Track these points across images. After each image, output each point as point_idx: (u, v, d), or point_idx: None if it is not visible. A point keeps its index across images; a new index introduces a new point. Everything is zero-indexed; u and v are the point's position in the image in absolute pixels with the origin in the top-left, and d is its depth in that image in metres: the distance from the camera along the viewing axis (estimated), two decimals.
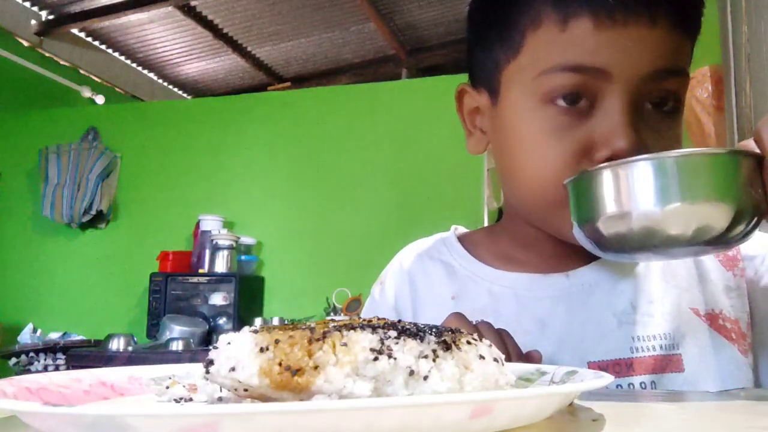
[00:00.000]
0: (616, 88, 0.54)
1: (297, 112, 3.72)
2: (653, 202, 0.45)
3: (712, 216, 0.45)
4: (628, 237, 0.47)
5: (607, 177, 0.47)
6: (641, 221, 0.46)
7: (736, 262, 0.65)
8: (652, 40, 0.53)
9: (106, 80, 4.58)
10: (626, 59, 0.53)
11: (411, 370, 0.31)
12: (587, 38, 0.53)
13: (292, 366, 0.30)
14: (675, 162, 0.45)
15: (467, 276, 0.69)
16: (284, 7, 4.11)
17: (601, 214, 0.48)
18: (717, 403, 0.43)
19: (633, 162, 0.46)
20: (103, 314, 3.62)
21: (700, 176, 0.45)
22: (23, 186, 3.92)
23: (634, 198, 0.46)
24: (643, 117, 0.55)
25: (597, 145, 0.54)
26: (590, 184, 0.48)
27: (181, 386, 0.41)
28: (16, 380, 0.37)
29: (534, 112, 0.57)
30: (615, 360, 0.60)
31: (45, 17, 4.09)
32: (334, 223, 3.50)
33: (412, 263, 0.73)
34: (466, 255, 0.71)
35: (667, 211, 0.45)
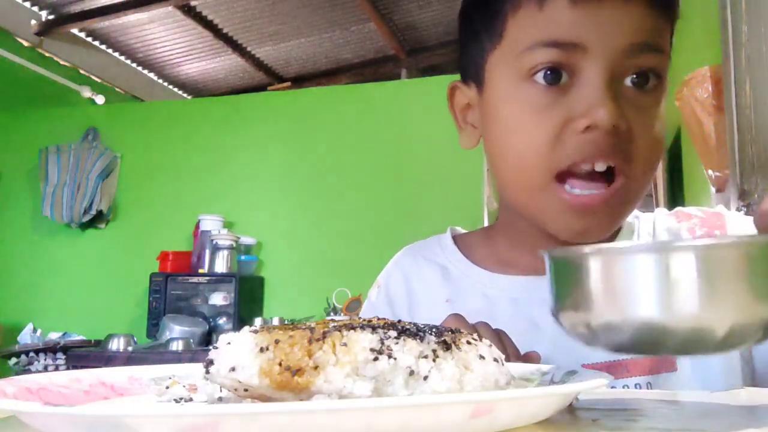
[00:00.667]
0: (594, 62, 0.54)
1: (297, 112, 3.72)
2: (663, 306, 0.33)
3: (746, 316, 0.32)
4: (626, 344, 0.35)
5: (595, 266, 0.35)
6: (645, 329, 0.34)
7: None
8: (626, 16, 0.54)
9: (106, 80, 4.58)
10: (601, 33, 0.54)
11: (411, 370, 0.31)
12: (563, 15, 0.55)
13: (292, 366, 0.30)
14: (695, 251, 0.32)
15: (462, 278, 0.69)
16: (284, 7, 4.11)
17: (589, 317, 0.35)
18: (717, 403, 0.43)
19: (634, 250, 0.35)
20: (103, 314, 3.61)
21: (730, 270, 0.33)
22: (23, 186, 3.92)
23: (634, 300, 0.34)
24: (623, 93, 0.55)
25: (577, 117, 0.54)
26: (572, 269, 0.37)
27: (181, 386, 0.41)
28: (16, 380, 0.37)
29: (516, 92, 0.58)
30: (610, 362, 0.60)
31: (45, 17, 4.09)
32: (334, 223, 3.50)
33: (409, 266, 0.74)
34: (461, 257, 0.71)
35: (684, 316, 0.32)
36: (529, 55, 0.56)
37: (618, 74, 0.55)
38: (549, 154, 0.55)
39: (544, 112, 0.56)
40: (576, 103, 0.55)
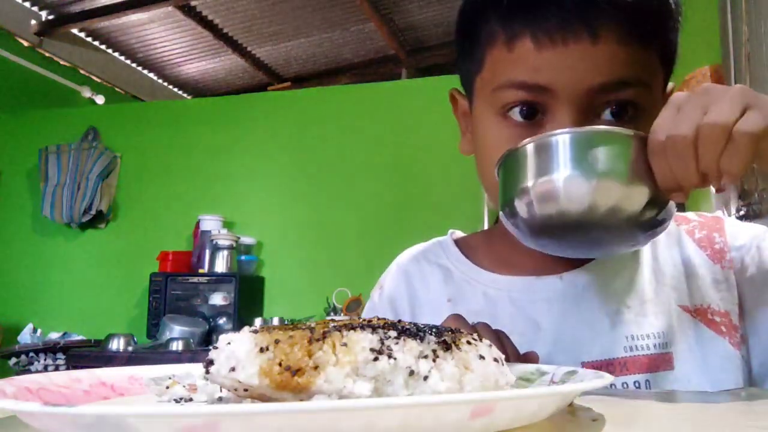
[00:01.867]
0: (563, 103, 0.55)
1: (297, 112, 3.72)
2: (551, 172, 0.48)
3: (604, 190, 0.47)
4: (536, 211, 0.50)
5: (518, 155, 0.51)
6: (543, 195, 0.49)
7: (723, 254, 0.66)
8: (593, 57, 0.54)
9: (106, 80, 4.58)
10: (568, 76, 0.55)
11: (411, 370, 0.31)
12: (529, 58, 0.56)
13: (292, 366, 0.30)
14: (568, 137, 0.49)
15: (463, 279, 0.70)
16: (284, 7, 4.11)
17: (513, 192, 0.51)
18: (717, 403, 0.43)
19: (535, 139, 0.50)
20: (103, 314, 3.61)
21: (591, 151, 0.48)
22: (23, 186, 3.92)
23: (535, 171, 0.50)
24: (600, 125, 0.56)
25: None
26: (505, 164, 0.53)
27: (181, 386, 0.41)
28: (16, 380, 0.37)
29: (493, 124, 0.60)
30: (609, 360, 0.61)
31: (45, 17, 4.09)
32: (334, 223, 3.50)
33: (410, 267, 0.75)
34: (462, 258, 0.72)
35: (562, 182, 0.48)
36: (501, 93, 0.58)
37: (592, 110, 0.56)
38: None
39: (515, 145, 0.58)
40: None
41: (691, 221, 0.70)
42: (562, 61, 0.55)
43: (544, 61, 0.55)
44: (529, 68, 0.56)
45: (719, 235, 0.67)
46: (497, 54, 0.58)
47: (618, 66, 0.55)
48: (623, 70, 0.55)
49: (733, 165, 0.44)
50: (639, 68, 0.56)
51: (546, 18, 0.55)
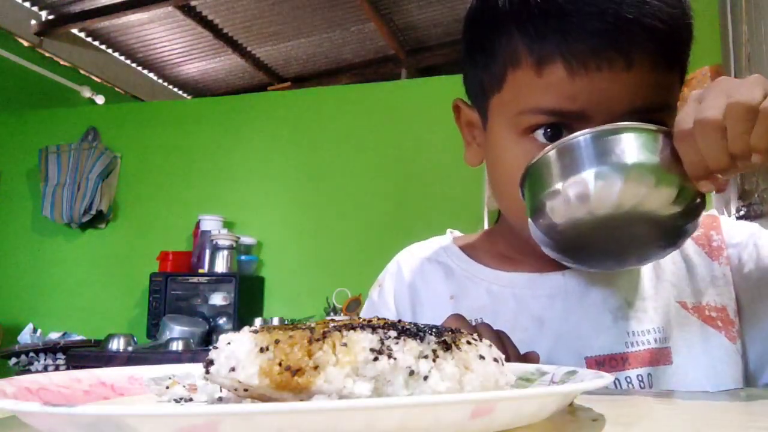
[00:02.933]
0: (592, 125, 0.55)
1: (297, 112, 3.72)
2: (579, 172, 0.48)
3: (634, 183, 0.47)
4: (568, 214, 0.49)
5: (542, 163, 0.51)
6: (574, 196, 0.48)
7: (721, 251, 0.67)
8: (627, 83, 0.54)
9: (106, 80, 4.58)
10: (602, 102, 0.54)
11: (411, 370, 0.31)
12: (562, 85, 0.54)
13: (292, 366, 0.30)
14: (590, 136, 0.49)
15: (465, 276, 0.70)
16: (284, 7, 4.11)
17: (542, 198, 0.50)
18: (717, 403, 0.43)
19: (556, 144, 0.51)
20: (103, 314, 3.61)
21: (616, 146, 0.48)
22: (23, 186, 3.92)
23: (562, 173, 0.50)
24: None
25: None
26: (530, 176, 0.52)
27: (181, 386, 0.41)
28: (16, 380, 0.37)
29: (515, 145, 0.59)
30: (611, 354, 0.62)
31: (45, 17, 4.09)
32: (334, 223, 3.50)
33: (411, 265, 0.74)
34: (463, 256, 0.72)
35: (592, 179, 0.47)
36: (529, 118, 0.57)
37: None
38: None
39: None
40: None
41: None
42: (596, 87, 0.54)
43: (577, 89, 0.54)
44: (561, 96, 0.55)
45: (716, 233, 0.68)
46: (522, 77, 0.57)
47: (651, 91, 0.55)
48: (655, 96, 0.55)
49: (763, 141, 0.44)
50: (668, 92, 0.57)
51: (579, 42, 0.53)
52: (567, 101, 0.55)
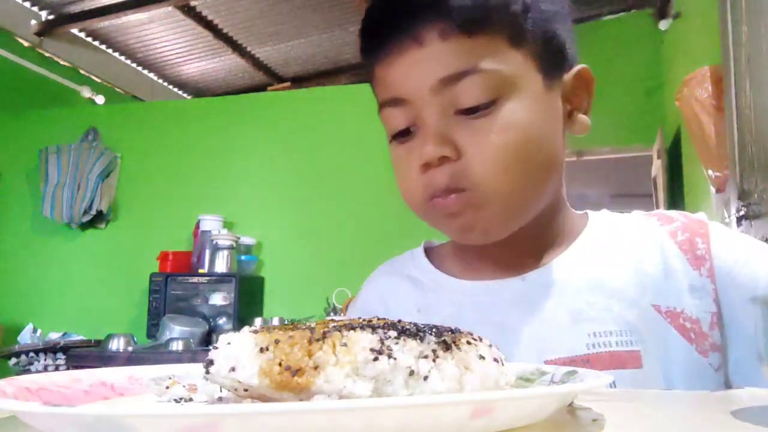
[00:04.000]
0: (419, 108, 0.61)
1: (297, 112, 3.72)
2: None
3: None
4: None
5: None
6: None
7: (704, 261, 0.65)
8: (424, 58, 0.59)
9: (106, 80, 4.58)
10: (410, 82, 0.60)
11: (411, 370, 0.31)
12: (384, 77, 0.63)
13: (292, 366, 0.30)
14: None
15: (431, 288, 0.72)
16: (284, 7, 4.11)
17: None
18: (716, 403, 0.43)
19: None
20: (103, 314, 3.61)
21: None
22: (23, 186, 3.92)
23: None
24: (458, 123, 0.60)
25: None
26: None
27: (181, 386, 0.41)
28: (16, 380, 0.37)
29: (391, 148, 0.67)
30: (572, 357, 0.61)
31: (45, 17, 4.09)
32: (334, 223, 3.50)
33: (383, 283, 0.77)
34: (430, 268, 0.74)
35: None
36: (381, 114, 0.65)
37: (447, 107, 0.60)
38: (417, 194, 0.63)
39: (405, 163, 0.64)
40: (418, 148, 0.61)
41: (674, 221, 0.69)
42: (402, 72, 0.61)
43: (392, 77, 0.62)
44: (385, 86, 0.63)
45: (702, 241, 0.66)
46: (374, 78, 0.66)
47: (450, 61, 0.58)
48: (455, 63, 0.58)
49: None
50: (472, 56, 0.58)
51: (382, 41, 0.62)
52: (389, 90, 0.62)
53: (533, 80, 0.62)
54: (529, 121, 0.61)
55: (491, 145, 0.59)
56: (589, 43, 4.47)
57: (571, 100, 0.66)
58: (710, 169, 2.46)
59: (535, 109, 0.62)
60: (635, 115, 4.31)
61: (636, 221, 0.71)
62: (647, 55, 4.31)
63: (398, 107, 0.62)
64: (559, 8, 0.65)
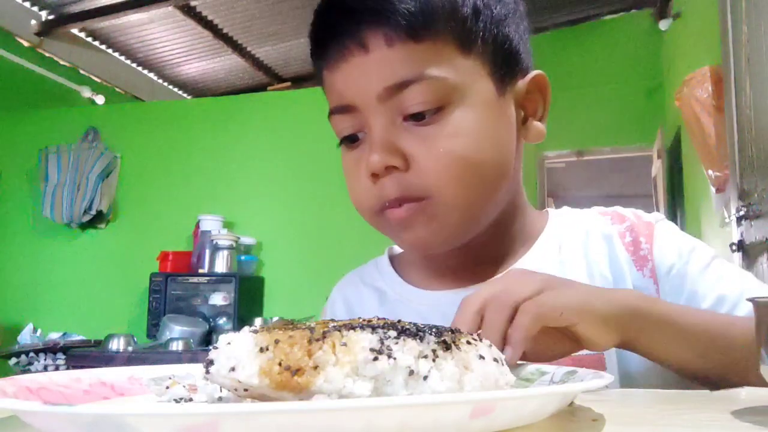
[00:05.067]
0: (366, 115, 0.59)
1: (297, 112, 3.72)
2: None
3: None
4: None
5: None
6: None
7: (646, 262, 0.65)
8: (370, 65, 0.58)
9: (106, 80, 4.58)
10: (357, 89, 0.59)
11: (411, 370, 0.31)
12: (331, 83, 0.62)
13: (292, 366, 0.30)
14: None
15: (396, 299, 0.71)
16: (284, 7, 4.11)
17: None
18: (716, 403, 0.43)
19: None
20: (103, 314, 3.61)
21: None
22: (23, 186, 3.92)
23: None
24: (405, 129, 0.58)
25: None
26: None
27: (181, 386, 0.41)
28: (16, 380, 0.37)
29: (342, 153, 0.65)
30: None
31: (45, 17, 4.09)
32: (334, 223, 3.50)
33: (350, 292, 0.77)
34: (396, 278, 0.73)
35: None
36: (330, 121, 0.63)
37: (394, 114, 0.58)
38: (366, 202, 0.63)
39: (353, 168, 0.63)
40: (365, 155, 0.60)
41: (625, 221, 0.69)
42: (349, 77, 0.59)
43: (338, 83, 0.60)
44: (333, 92, 0.62)
45: (646, 242, 0.66)
46: (323, 86, 0.65)
47: (391, 67, 0.57)
48: (398, 70, 0.57)
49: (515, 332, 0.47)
50: (418, 63, 0.57)
51: (327, 46, 0.61)
52: (336, 96, 0.61)
53: (484, 86, 0.60)
54: (478, 128, 0.59)
55: (440, 153, 0.58)
56: (589, 43, 4.48)
57: (525, 106, 0.65)
58: (710, 169, 2.46)
59: (485, 116, 0.60)
60: (635, 115, 4.31)
61: (592, 220, 0.71)
62: (647, 55, 4.31)
63: (346, 114, 0.61)
64: (512, 11, 0.63)
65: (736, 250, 2.02)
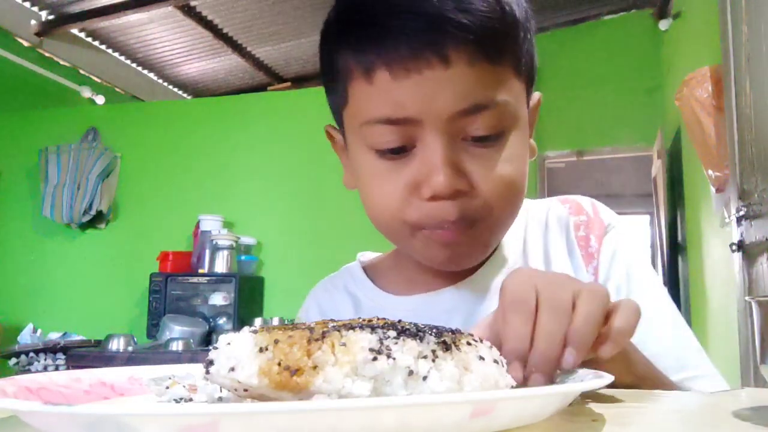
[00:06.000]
0: (429, 131, 0.55)
1: (297, 112, 3.72)
2: None
3: None
4: None
5: None
6: None
7: (592, 259, 0.67)
8: (448, 82, 0.54)
9: (106, 80, 4.58)
10: (429, 104, 0.54)
11: (410, 371, 0.31)
12: (390, 91, 0.55)
13: (291, 366, 0.30)
14: None
15: (372, 307, 0.70)
16: (284, 7, 4.11)
17: None
18: (716, 403, 0.43)
19: None
20: (103, 314, 3.61)
21: None
22: (23, 186, 3.92)
23: None
24: (465, 148, 0.57)
25: (420, 185, 0.57)
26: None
27: (181, 386, 0.41)
28: (16, 380, 0.37)
29: (365, 157, 0.60)
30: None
31: (45, 17, 4.09)
32: (334, 223, 3.50)
33: (324, 299, 0.76)
34: (369, 285, 0.72)
35: None
36: (369, 129, 0.57)
37: (457, 134, 0.56)
38: (401, 215, 0.58)
39: (391, 179, 0.58)
40: (418, 170, 0.56)
41: (581, 213, 0.70)
42: (420, 90, 0.54)
43: (403, 93, 0.55)
44: (389, 102, 0.55)
45: (595, 240, 0.67)
46: (358, 87, 0.58)
47: (474, 89, 0.55)
48: (479, 93, 0.55)
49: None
50: (493, 87, 0.56)
51: (397, 48, 0.54)
52: (395, 107, 0.55)
53: (524, 109, 0.61)
54: (524, 152, 0.61)
55: (497, 177, 0.57)
56: (589, 43, 4.47)
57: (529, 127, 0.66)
58: (710, 169, 2.46)
59: (526, 139, 0.61)
60: (635, 115, 4.31)
61: (552, 209, 0.71)
62: (647, 55, 4.31)
63: (398, 126, 0.56)
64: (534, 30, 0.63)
65: (736, 250, 2.02)
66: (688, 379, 0.60)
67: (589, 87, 4.37)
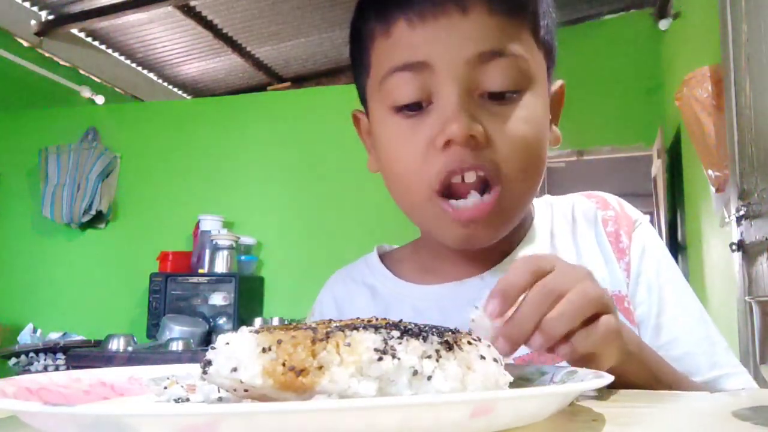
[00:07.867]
0: (444, 79, 0.56)
1: (297, 112, 3.72)
2: None
3: None
4: None
5: None
6: None
7: (623, 255, 0.67)
8: (465, 28, 0.56)
9: (106, 80, 4.58)
10: (444, 49, 0.56)
11: (415, 370, 0.31)
12: (405, 38, 0.58)
13: (296, 366, 0.30)
14: None
15: (390, 295, 0.70)
16: (284, 7, 4.11)
17: None
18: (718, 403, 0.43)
19: None
20: (103, 314, 3.61)
21: None
22: (23, 186, 3.92)
23: None
24: (481, 104, 0.57)
25: (437, 135, 0.56)
26: None
27: (180, 386, 0.41)
28: (16, 380, 0.37)
29: (386, 120, 0.61)
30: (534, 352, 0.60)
31: (45, 17, 4.09)
32: (334, 223, 3.50)
33: (339, 291, 0.76)
34: (387, 274, 0.72)
35: None
36: (387, 83, 0.59)
37: (473, 86, 0.57)
38: (421, 174, 0.58)
39: (411, 138, 0.59)
40: (435, 123, 0.57)
41: (608, 208, 0.70)
42: (435, 35, 0.56)
43: (419, 38, 0.57)
44: (405, 48, 0.57)
45: (626, 236, 0.67)
46: (378, 47, 0.61)
47: (489, 37, 0.56)
48: (496, 41, 0.56)
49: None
50: (511, 39, 0.57)
51: (417, 1, 0.57)
52: (411, 51, 0.57)
53: (544, 80, 0.62)
54: (543, 119, 0.61)
55: (515, 135, 0.57)
56: (589, 42, 4.47)
57: (551, 111, 0.66)
58: (710, 169, 2.46)
59: (546, 109, 0.62)
60: (635, 115, 4.31)
61: (577, 204, 0.71)
62: (647, 55, 4.31)
63: (416, 73, 0.57)
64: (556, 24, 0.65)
65: (736, 249, 2.02)
66: (721, 377, 0.61)
67: (588, 87, 4.37)
